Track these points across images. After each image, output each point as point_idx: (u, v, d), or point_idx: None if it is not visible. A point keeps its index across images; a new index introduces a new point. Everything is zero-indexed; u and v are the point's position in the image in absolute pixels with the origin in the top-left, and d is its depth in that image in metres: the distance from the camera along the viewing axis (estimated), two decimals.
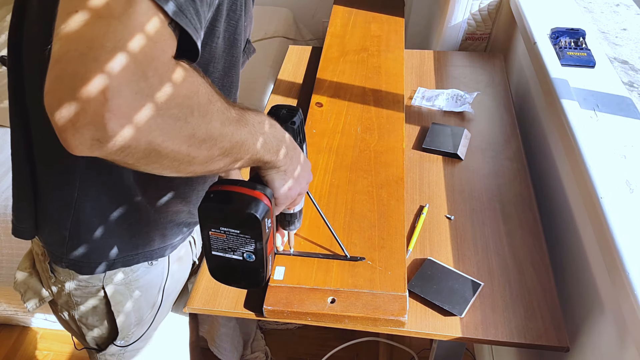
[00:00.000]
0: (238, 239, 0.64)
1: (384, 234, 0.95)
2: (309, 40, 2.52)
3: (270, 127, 0.63)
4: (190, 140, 0.49)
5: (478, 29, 1.60)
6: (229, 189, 0.63)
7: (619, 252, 0.75)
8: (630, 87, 1.34)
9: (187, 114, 0.47)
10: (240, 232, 0.63)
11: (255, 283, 0.69)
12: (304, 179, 0.73)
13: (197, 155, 0.51)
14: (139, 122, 0.43)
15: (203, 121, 0.50)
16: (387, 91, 1.30)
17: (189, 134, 0.48)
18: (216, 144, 0.52)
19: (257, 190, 0.63)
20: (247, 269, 0.67)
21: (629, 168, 0.89)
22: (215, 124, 0.51)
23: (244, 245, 0.64)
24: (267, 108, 1.35)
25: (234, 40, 0.68)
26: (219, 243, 0.65)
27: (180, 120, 0.47)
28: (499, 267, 0.96)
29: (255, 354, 1.61)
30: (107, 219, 0.76)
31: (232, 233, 0.63)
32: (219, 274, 0.70)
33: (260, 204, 0.62)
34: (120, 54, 0.42)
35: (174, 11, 0.47)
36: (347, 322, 0.85)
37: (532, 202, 1.07)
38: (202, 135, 0.50)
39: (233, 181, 0.65)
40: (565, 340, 0.85)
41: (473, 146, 1.21)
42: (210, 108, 0.51)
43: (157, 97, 0.44)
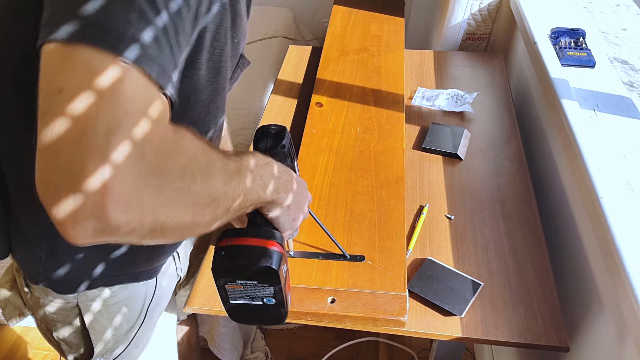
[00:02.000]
0: (256, 288, 0.62)
1: (384, 234, 0.95)
2: (309, 40, 2.52)
3: (267, 166, 0.61)
4: (194, 207, 0.47)
5: (478, 29, 1.60)
6: (239, 242, 0.61)
7: (619, 252, 0.75)
8: (630, 87, 1.34)
9: (189, 183, 0.46)
10: (257, 283, 0.61)
11: (277, 321, 0.68)
12: (304, 204, 0.72)
13: (202, 220, 0.49)
14: (141, 205, 0.41)
15: (206, 186, 0.48)
16: (387, 91, 1.30)
17: (193, 203, 0.46)
18: (220, 204, 0.50)
19: (267, 238, 0.61)
20: (268, 310, 0.65)
21: (629, 168, 0.89)
22: (217, 185, 0.49)
23: (262, 292, 0.62)
24: (267, 108, 1.36)
25: (218, 69, 0.64)
26: (237, 293, 0.63)
27: (184, 192, 0.45)
28: (499, 267, 0.96)
29: (255, 354, 1.61)
30: None
31: (249, 284, 0.61)
32: (238, 317, 0.68)
33: (274, 254, 0.60)
34: (115, 137, 0.39)
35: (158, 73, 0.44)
36: (347, 322, 0.85)
37: (532, 202, 1.07)
38: (206, 200, 0.48)
39: (240, 232, 0.62)
40: (566, 340, 0.85)
41: (473, 146, 1.21)
42: (211, 170, 0.49)
43: (157, 174, 0.42)
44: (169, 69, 0.46)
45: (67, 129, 0.39)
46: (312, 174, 1.08)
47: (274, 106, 1.36)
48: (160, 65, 0.44)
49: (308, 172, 1.09)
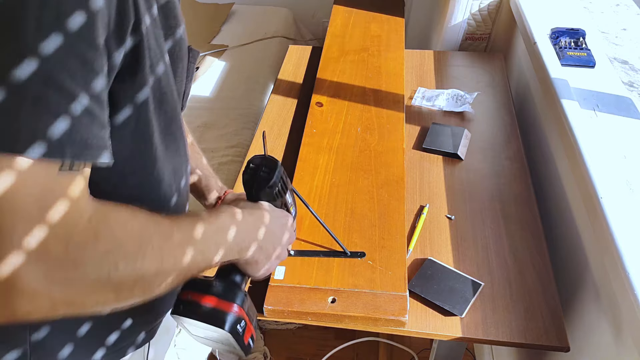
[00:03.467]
0: (215, 336, 0.64)
1: (384, 234, 0.95)
2: (309, 40, 2.52)
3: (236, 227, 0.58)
4: (117, 290, 0.45)
5: (478, 29, 1.60)
6: (198, 299, 0.62)
7: (618, 252, 0.75)
8: (630, 87, 1.34)
9: (109, 270, 0.43)
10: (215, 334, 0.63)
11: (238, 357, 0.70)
12: (285, 251, 0.70)
13: (130, 297, 0.47)
14: (50, 298, 0.40)
15: (132, 270, 0.45)
16: (387, 91, 1.30)
17: (114, 287, 0.44)
18: (152, 282, 0.48)
19: (227, 300, 0.62)
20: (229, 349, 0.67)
21: (629, 168, 0.89)
22: (148, 266, 0.47)
23: (221, 339, 0.64)
24: (267, 108, 1.36)
25: (161, 97, 0.57)
26: (197, 332, 0.65)
27: (101, 280, 0.43)
28: (499, 267, 0.96)
29: (254, 354, 1.61)
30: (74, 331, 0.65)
31: (207, 333, 0.63)
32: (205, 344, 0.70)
33: (230, 318, 0.61)
34: (10, 239, 0.38)
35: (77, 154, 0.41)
36: (347, 321, 0.85)
37: (532, 202, 1.07)
38: (131, 283, 0.46)
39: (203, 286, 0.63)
40: (566, 340, 0.85)
41: (473, 146, 1.21)
42: (142, 252, 0.46)
43: (67, 268, 0.41)
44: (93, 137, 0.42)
45: None
46: (313, 173, 1.08)
47: (274, 106, 1.36)
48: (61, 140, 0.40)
49: (308, 172, 1.09)
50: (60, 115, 0.40)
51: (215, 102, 1.91)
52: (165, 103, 0.58)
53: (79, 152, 0.41)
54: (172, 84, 0.60)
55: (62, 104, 0.40)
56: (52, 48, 0.39)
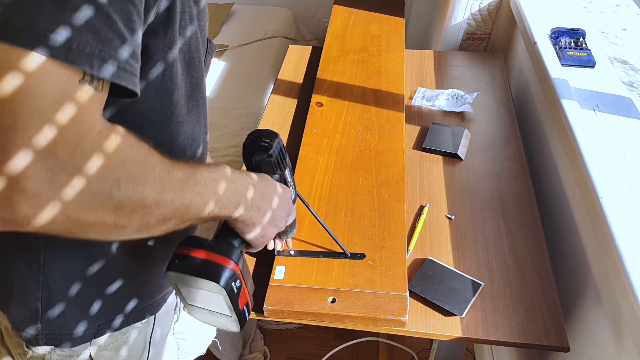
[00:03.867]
0: (209, 297, 0.63)
1: (384, 234, 0.95)
2: (309, 40, 2.52)
3: (228, 183, 0.59)
4: (117, 212, 0.45)
5: (478, 29, 1.60)
6: (194, 254, 0.61)
7: (619, 252, 0.75)
8: (630, 87, 1.34)
9: (111, 186, 0.44)
10: (209, 293, 0.62)
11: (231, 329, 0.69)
12: (280, 218, 0.70)
13: (128, 224, 0.48)
14: (51, 202, 0.41)
15: (133, 192, 0.46)
16: (387, 91, 1.30)
17: (114, 207, 0.45)
18: (151, 212, 0.49)
19: (222, 254, 0.61)
20: (224, 318, 0.66)
21: (629, 168, 0.89)
22: (148, 193, 0.47)
23: (215, 302, 0.63)
24: (267, 108, 1.36)
25: (190, 60, 0.61)
26: (192, 296, 0.64)
27: (103, 194, 0.44)
28: (499, 267, 0.96)
29: (254, 354, 1.61)
30: (82, 281, 0.66)
31: (201, 293, 0.63)
32: (198, 317, 0.69)
33: (225, 272, 0.60)
34: (22, 133, 0.39)
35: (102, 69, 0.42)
36: (347, 321, 0.85)
37: (532, 202, 1.07)
38: (132, 206, 0.46)
39: (199, 242, 0.62)
40: (566, 340, 0.85)
41: (473, 146, 1.21)
42: (144, 177, 0.47)
43: (71, 174, 0.41)
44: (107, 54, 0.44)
45: None
46: (313, 173, 1.08)
47: (274, 106, 1.36)
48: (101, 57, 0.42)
49: (308, 172, 1.09)
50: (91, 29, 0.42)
51: (215, 102, 1.91)
52: (193, 68, 0.62)
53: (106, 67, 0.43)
54: (200, 51, 0.63)
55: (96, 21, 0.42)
56: None
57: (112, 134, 0.44)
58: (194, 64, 0.62)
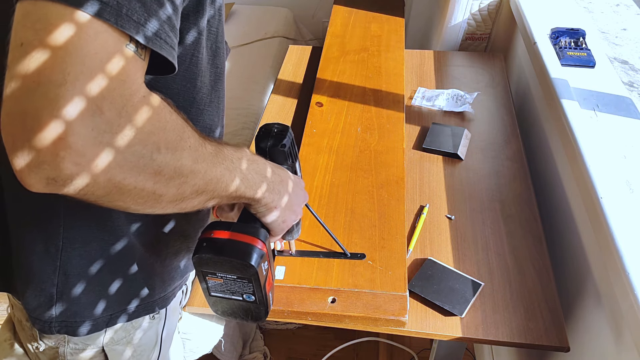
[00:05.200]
0: (236, 283, 0.62)
1: (384, 234, 0.95)
2: (309, 40, 2.52)
3: (250, 162, 0.60)
4: (156, 177, 0.46)
5: (478, 29, 1.60)
6: (221, 235, 0.61)
7: (619, 252, 0.75)
8: (630, 87, 1.34)
9: (152, 150, 0.45)
10: (237, 278, 0.62)
11: (256, 318, 0.68)
12: (297, 205, 0.71)
13: (165, 192, 0.48)
14: (95, 160, 0.41)
15: (172, 157, 0.47)
16: (387, 91, 1.30)
17: (154, 171, 0.46)
18: (187, 181, 0.50)
19: (250, 234, 0.61)
20: (248, 307, 0.66)
21: (629, 168, 0.89)
22: (185, 161, 0.48)
23: (242, 288, 0.63)
24: (267, 108, 1.36)
25: (216, 50, 0.63)
26: (217, 286, 0.64)
27: (144, 158, 0.44)
28: (499, 267, 0.96)
29: (254, 354, 1.61)
30: (98, 268, 0.67)
31: (229, 278, 0.62)
32: (220, 311, 0.68)
33: (255, 251, 0.60)
34: (71, 88, 0.39)
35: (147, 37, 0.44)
36: (347, 321, 0.85)
37: (532, 202, 1.07)
38: (170, 173, 0.47)
39: (225, 224, 0.62)
40: (566, 340, 0.85)
41: (473, 146, 1.21)
42: (181, 144, 0.48)
43: (116, 133, 0.42)
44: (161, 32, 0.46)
45: (23, 80, 0.39)
46: (313, 174, 1.08)
47: (274, 106, 1.36)
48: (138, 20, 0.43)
49: (308, 172, 1.09)
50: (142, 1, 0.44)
51: None
52: (218, 57, 0.64)
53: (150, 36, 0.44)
54: (223, 42, 0.65)
55: None
56: None
57: (154, 100, 0.46)
58: (219, 54, 0.64)
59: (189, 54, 0.59)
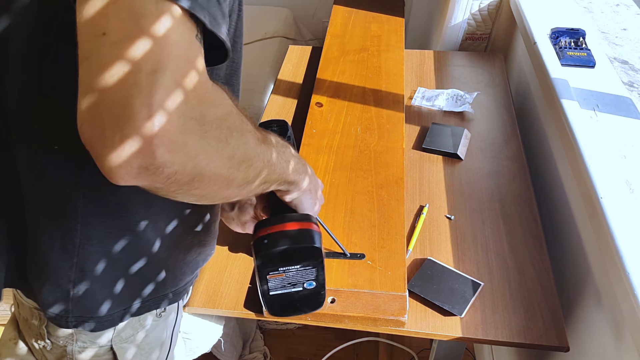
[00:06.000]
0: (298, 273, 0.63)
1: (384, 234, 0.95)
2: (309, 40, 2.52)
3: (285, 146, 0.62)
4: (230, 161, 0.48)
5: (478, 29, 1.60)
6: (279, 229, 0.61)
7: (619, 252, 0.75)
8: (630, 87, 1.34)
9: (227, 134, 0.47)
10: (300, 267, 0.62)
11: (316, 306, 0.68)
12: (319, 189, 0.72)
13: (236, 177, 0.50)
14: (185, 147, 0.42)
15: (241, 141, 0.49)
16: (387, 91, 1.30)
17: (229, 155, 0.47)
18: (252, 164, 0.52)
19: (304, 220, 0.62)
20: (308, 296, 0.66)
21: (629, 168, 0.89)
22: (251, 144, 0.51)
23: (304, 276, 0.63)
24: (267, 108, 1.36)
25: (234, 44, 0.63)
26: (277, 283, 0.64)
27: (222, 142, 0.46)
28: (499, 267, 0.96)
29: (254, 354, 1.61)
30: (114, 264, 0.66)
31: (291, 270, 0.62)
32: (277, 310, 0.68)
33: (315, 234, 0.61)
34: (161, 78, 0.40)
35: (210, 21, 0.44)
36: (347, 322, 0.85)
37: (532, 202, 1.07)
38: (240, 156, 0.49)
39: (274, 220, 0.63)
40: (565, 340, 0.85)
41: (473, 146, 1.21)
42: (244, 127, 0.50)
43: (199, 120, 0.43)
44: (219, 18, 0.46)
45: (112, 70, 0.39)
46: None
47: (274, 106, 1.36)
48: (211, 14, 0.45)
49: None
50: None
51: None
52: (235, 51, 0.64)
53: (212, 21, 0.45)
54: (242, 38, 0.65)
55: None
56: None
57: (218, 87, 0.47)
58: (236, 48, 0.64)
59: None
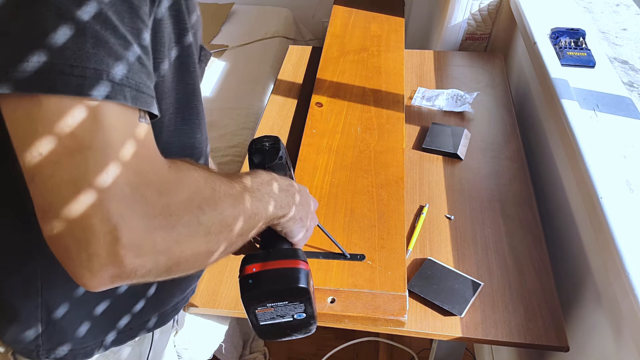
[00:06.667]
0: (287, 307, 0.62)
1: (384, 234, 0.95)
2: (309, 40, 2.52)
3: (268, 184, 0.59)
4: (207, 237, 0.46)
5: (478, 29, 1.60)
6: (265, 267, 0.60)
7: (619, 252, 0.75)
8: (630, 87, 1.34)
9: (198, 214, 0.45)
10: (288, 302, 0.61)
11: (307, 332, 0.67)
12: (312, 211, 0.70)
13: (216, 247, 0.48)
14: (154, 247, 0.41)
15: (215, 214, 0.47)
16: (387, 91, 1.30)
17: (205, 233, 0.46)
18: (232, 229, 0.50)
19: (291, 258, 0.61)
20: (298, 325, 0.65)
21: (629, 168, 0.89)
22: (227, 211, 0.48)
23: (293, 310, 0.62)
24: (267, 108, 1.36)
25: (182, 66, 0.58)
26: (267, 315, 0.63)
27: (194, 225, 0.44)
28: (499, 267, 0.96)
29: (254, 355, 1.61)
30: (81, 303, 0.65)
31: (279, 305, 0.61)
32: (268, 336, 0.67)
33: (302, 273, 0.59)
34: (113, 186, 0.38)
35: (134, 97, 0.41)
36: (347, 321, 0.85)
37: (532, 202, 1.07)
38: (217, 228, 0.47)
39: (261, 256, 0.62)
40: (565, 340, 0.85)
41: (473, 146, 1.21)
42: (217, 196, 0.48)
43: (164, 214, 0.41)
44: (146, 86, 0.43)
45: (61, 193, 0.38)
46: (312, 174, 1.08)
47: (274, 106, 1.36)
48: (137, 84, 0.42)
49: (308, 172, 1.09)
50: (118, 58, 0.40)
51: (215, 102, 1.91)
52: (187, 74, 0.59)
53: (136, 96, 0.42)
54: (195, 58, 0.61)
55: (118, 46, 0.40)
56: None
57: (176, 167, 0.45)
58: (187, 69, 0.60)
59: None
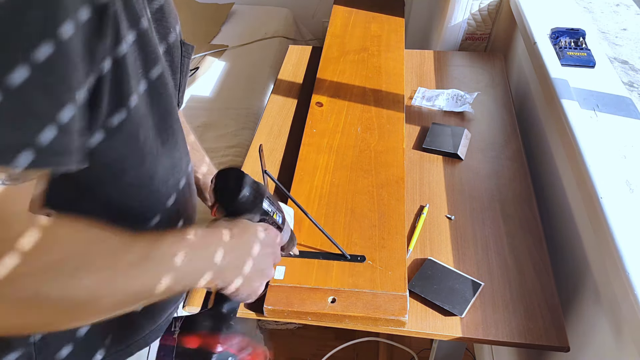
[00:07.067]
0: None
1: (384, 234, 0.95)
2: (309, 40, 2.52)
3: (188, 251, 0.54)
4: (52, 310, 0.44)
5: (478, 29, 1.60)
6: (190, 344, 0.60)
7: (619, 252, 0.75)
8: (630, 87, 1.34)
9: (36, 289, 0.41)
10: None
11: None
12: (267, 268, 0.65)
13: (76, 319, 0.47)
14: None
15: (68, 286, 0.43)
16: (387, 91, 1.31)
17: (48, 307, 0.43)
18: (98, 303, 0.46)
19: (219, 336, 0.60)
20: None
21: (629, 168, 0.89)
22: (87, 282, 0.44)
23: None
24: (267, 108, 1.36)
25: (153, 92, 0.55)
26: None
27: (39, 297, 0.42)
28: (499, 267, 0.96)
29: None
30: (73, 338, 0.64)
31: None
32: None
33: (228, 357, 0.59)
34: None
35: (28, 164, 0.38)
36: (347, 321, 0.85)
37: (532, 202, 1.07)
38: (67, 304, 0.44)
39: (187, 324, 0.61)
40: (566, 340, 0.85)
41: (473, 146, 1.21)
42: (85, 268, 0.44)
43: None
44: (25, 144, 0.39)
45: None
46: (313, 173, 1.08)
47: (274, 106, 1.36)
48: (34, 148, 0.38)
49: (308, 172, 1.09)
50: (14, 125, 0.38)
51: (215, 102, 1.91)
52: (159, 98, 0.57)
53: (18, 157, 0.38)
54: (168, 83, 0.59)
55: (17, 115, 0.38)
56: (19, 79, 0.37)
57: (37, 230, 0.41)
58: (158, 92, 0.57)
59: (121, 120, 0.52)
